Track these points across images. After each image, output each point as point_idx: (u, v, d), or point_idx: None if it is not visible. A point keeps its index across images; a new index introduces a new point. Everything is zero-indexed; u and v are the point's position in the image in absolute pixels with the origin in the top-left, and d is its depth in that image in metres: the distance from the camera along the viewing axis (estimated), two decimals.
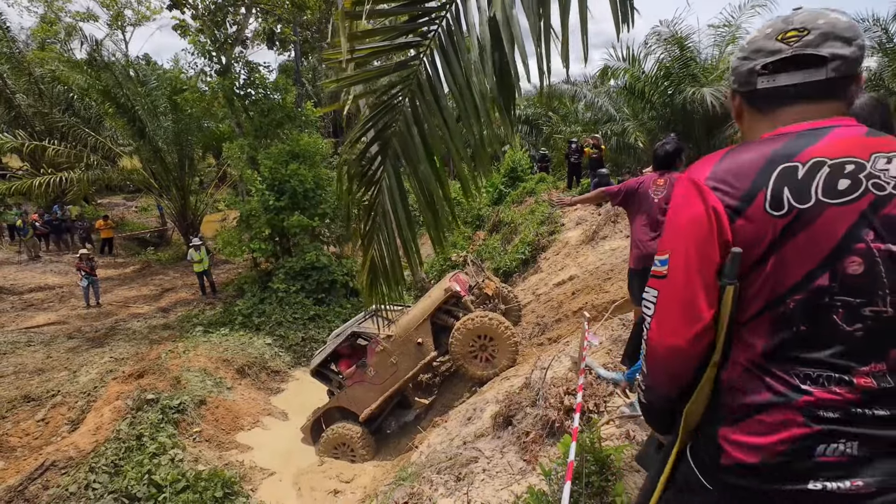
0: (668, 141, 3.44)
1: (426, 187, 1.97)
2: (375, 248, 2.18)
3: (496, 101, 1.74)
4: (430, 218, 2.01)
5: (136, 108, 13.70)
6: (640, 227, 3.31)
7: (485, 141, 1.84)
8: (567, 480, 1.78)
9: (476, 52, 1.68)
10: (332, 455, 6.49)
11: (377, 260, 2.19)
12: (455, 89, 1.78)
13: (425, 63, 1.85)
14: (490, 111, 1.78)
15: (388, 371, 6.39)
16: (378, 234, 2.16)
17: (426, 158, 1.93)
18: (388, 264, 2.17)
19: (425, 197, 1.98)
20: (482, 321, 5.85)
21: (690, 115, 10.38)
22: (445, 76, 1.82)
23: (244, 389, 8.06)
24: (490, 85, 1.69)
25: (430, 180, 1.95)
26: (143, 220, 21.80)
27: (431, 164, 1.95)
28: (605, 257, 7.63)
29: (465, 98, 1.75)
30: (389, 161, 2.04)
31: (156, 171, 14.73)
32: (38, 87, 17.73)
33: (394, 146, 2.01)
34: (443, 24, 1.78)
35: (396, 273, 2.19)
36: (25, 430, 6.57)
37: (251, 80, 12.28)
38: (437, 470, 3.63)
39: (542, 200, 11.57)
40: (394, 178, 2.05)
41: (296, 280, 10.71)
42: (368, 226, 2.17)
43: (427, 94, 1.86)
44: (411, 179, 2.02)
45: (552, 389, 3.38)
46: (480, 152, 1.85)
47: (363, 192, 2.14)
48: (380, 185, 2.10)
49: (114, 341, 9.09)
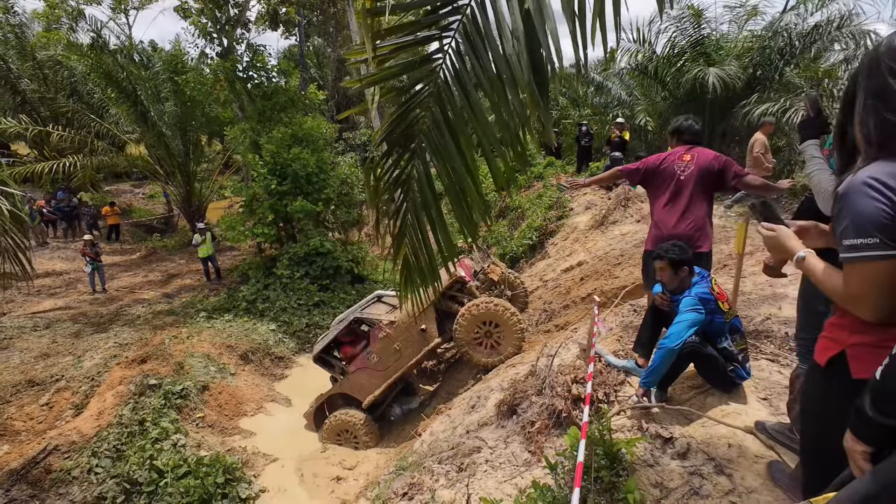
0: (690, 117, 3.32)
1: (457, 184, 1.83)
2: (408, 246, 2.08)
3: (529, 87, 1.57)
4: (463, 215, 1.88)
5: (139, 92, 13.54)
6: (662, 206, 3.09)
7: (518, 131, 1.68)
8: (576, 486, 1.60)
9: (507, 38, 1.54)
10: (335, 442, 6.43)
11: (410, 259, 2.11)
12: (484, 79, 1.64)
13: (451, 55, 1.72)
14: (525, 102, 1.62)
15: (392, 358, 6.27)
16: (410, 233, 2.05)
17: (457, 154, 1.78)
18: (422, 263, 2.09)
19: (457, 193, 1.85)
20: (487, 307, 5.69)
21: (703, 95, 10.01)
22: (473, 67, 1.68)
23: (248, 375, 8.02)
24: (522, 69, 1.53)
25: (462, 176, 1.80)
26: (150, 206, 21.81)
27: (462, 160, 1.80)
28: (614, 242, 7.41)
29: (496, 88, 1.62)
30: (418, 159, 1.91)
31: (160, 157, 14.63)
32: (42, 72, 17.62)
33: (422, 143, 1.87)
34: (467, 12, 1.65)
35: (433, 270, 2.11)
36: (30, 415, 6.58)
37: (253, 63, 12.04)
38: (438, 459, 3.51)
39: (550, 185, 11.29)
40: (423, 176, 1.92)
41: (300, 266, 10.61)
42: (399, 225, 2.07)
43: (454, 86, 1.73)
44: (441, 177, 1.88)
45: (559, 378, 3.21)
46: (515, 143, 1.68)
47: (391, 191, 2.01)
48: (408, 185, 1.98)
49: (118, 327, 9.07)
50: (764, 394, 2.57)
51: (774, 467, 1.99)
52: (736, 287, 3.43)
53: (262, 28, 17.15)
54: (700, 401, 2.57)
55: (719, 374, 2.50)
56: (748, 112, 9.77)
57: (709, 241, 3.08)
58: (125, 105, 13.58)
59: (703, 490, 1.99)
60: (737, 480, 2.00)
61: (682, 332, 2.37)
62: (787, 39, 9.78)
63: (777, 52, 9.90)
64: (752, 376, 2.65)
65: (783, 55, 9.90)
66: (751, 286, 4.34)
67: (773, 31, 9.99)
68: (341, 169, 12.27)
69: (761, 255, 5.40)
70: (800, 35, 9.70)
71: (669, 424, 2.42)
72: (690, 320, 2.38)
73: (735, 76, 9.76)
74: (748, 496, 1.92)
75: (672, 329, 2.41)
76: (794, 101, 9.13)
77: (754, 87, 10.25)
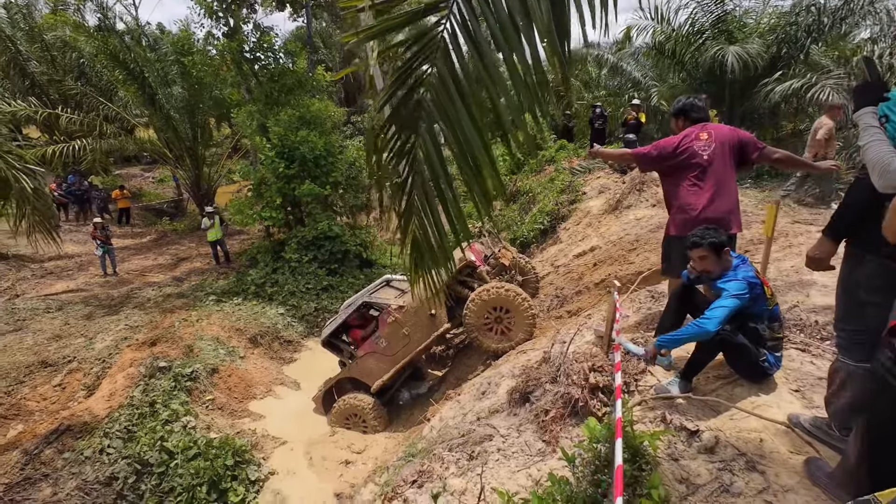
0: (692, 95, 3.21)
1: (469, 153, 1.63)
2: (417, 226, 1.88)
3: (550, 38, 1.38)
4: (475, 189, 1.68)
5: (146, 74, 13.41)
6: (688, 189, 2.91)
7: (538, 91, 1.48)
8: (617, 496, 1.46)
9: None
10: (344, 425, 6.41)
11: (420, 239, 1.91)
12: (498, 31, 1.44)
13: (459, 3, 1.51)
14: (547, 53, 1.43)
15: (400, 342, 6.20)
16: (419, 211, 1.85)
17: (468, 119, 1.59)
18: (433, 243, 1.88)
19: (468, 164, 1.65)
20: (498, 292, 5.57)
21: (723, 75, 9.62)
22: (486, 15, 1.47)
23: (257, 358, 8.03)
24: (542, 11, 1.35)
25: (474, 144, 1.61)
26: (161, 190, 21.86)
27: (474, 125, 1.60)
28: (629, 227, 7.20)
29: (511, 39, 1.42)
30: (424, 126, 1.70)
31: (169, 141, 14.57)
32: (50, 54, 17.56)
33: (428, 108, 1.66)
34: None
35: (445, 250, 1.90)
36: (43, 395, 6.64)
37: (260, 44, 11.82)
38: (448, 447, 3.42)
39: (563, 168, 11.03)
40: (431, 144, 1.70)
41: (308, 250, 10.55)
42: (405, 202, 1.86)
43: (462, 35, 1.53)
44: (450, 146, 1.69)
45: (574, 365, 3.08)
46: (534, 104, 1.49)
47: (395, 164, 1.82)
48: (413, 155, 1.77)
49: (129, 309, 9.11)
50: (796, 385, 2.41)
51: (813, 464, 1.85)
52: (763, 272, 3.25)
53: (269, 10, 16.86)
54: (727, 392, 2.43)
55: (750, 364, 2.35)
56: (769, 92, 9.38)
57: (739, 223, 2.91)
58: (133, 87, 13.47)
59: (734, 487, 1.86)
60: (771, 478, 1.86)
61: (724, 317, 2.19)
62: (815, 15, 9.32)
63: (804, 29, 9.44)
64: (782, 367, 2.50)
65: (810, 32, 9.45)
66: (775, 272, 4.15)
67: (803, 6, 9.51)
68: (349, 152, 12.10)
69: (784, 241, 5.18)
70: (829, 11, 9.22)
71: (695, 416, 2.28)
72: (735, 306, 2.21)
73: (757, 55, 9.34)
74: (784, 495, 1.78)
75: (714, 312, 2.22)
76: (820, 78, 8.73)
77: (778, 66, 9.83)
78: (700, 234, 2.44)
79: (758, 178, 8.86)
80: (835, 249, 1.86)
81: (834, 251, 1.86)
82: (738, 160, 2.93)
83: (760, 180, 8.82)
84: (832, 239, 1.84)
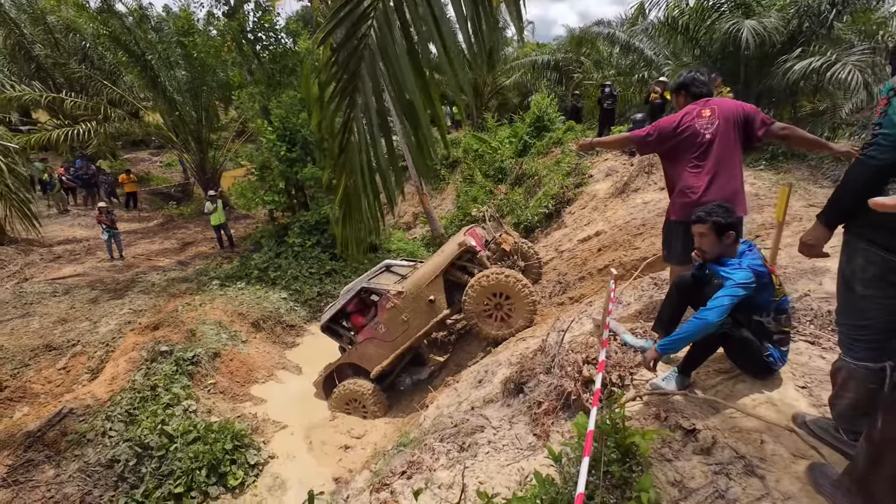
0: (693, 68, 2.94)
1: (407, 98, 1.49)
2: (349, 175, 1.74)
3: None
4: (412, 139, 1.54)
5: (148, 56, 13.25)
6: (689, 171, 2.72)
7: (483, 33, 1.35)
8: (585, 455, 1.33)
9: None
10: (344, 410, 6.41)
11: (351, 192, 1.76)
12: None
13: None
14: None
15: (400, 328, 6.13)
16: (354, 157, 1.70)
17: (407, 58, 1.45)
18: (363, 199, 1.73)
19: (406, 111, 1.51)
20: (498, 278, 5.43)
21: (738, 51, 9.17)
22: None
23: (259, 343, 8.04)
24: None
25: (411, 88, 1.47)
26: (168, 174, 21.90)
27: (414, 65, 1.45)
28: (636, 211, 6.97)
29: None
30: (365, 64, 1.56)
31: (174, 124, 14.48)
32: (53, 37, 17.45)
33: (371, 44, 1.52)
34: None
35: (372, 209, 1.75)
36: (48, 378, 6.72)
37: (261, 23, 11.57)
38: (440, 437, 3.34)
39: (570, 150, 10.73)
40: (369, 84, 1.56)
41: (311, 234, 10.49)
42: (343, 145, 1.71)
43: None
44: (390, 89, 1.54)
45: (570, 356, 2.95)
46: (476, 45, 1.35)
47: (337, 102, 1.67)
48: (354, 98, 1.63)
49: (133, 293, 9.17)
50: (803, 381, 2.26)
51: (817, 470, 1.71)
52: (773, 259, 3.07)
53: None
54: (728, 388, 2.28)
55: (753, 359, 2.19)
56: (788, 70, 8.93)
57: (744, 205, 2.72)
58: (135, 70, 13.33)
59: (730, 493, 1.73)
60: (770, 483, 1.73)
61: (727, 308, 2.04)
62: None
63: (828, 1, 8.93)
64: (789, 361, 2.35)
65: (834, 4, 8.93)
66: (786, 258, 3.94)
67: None
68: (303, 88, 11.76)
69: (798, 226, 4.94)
70: None
71: (692, 414, 2.15)
72: (739, 296, 2.05)
73: (775, 29, 8.87)
74: (784, 503, 1.65)
75: (716, 302, 2.06)
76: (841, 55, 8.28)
77: (798, 40, 9.33)
78: (707, 210, 2.26)
79: (772, 159, 8.50)
80: (829, 235, 1.69)
81: (828, 237, 1.69)
82: (745, 137, 2.73)
83: (776, 161, 8.46)
84: (826, 224, 1.67)
